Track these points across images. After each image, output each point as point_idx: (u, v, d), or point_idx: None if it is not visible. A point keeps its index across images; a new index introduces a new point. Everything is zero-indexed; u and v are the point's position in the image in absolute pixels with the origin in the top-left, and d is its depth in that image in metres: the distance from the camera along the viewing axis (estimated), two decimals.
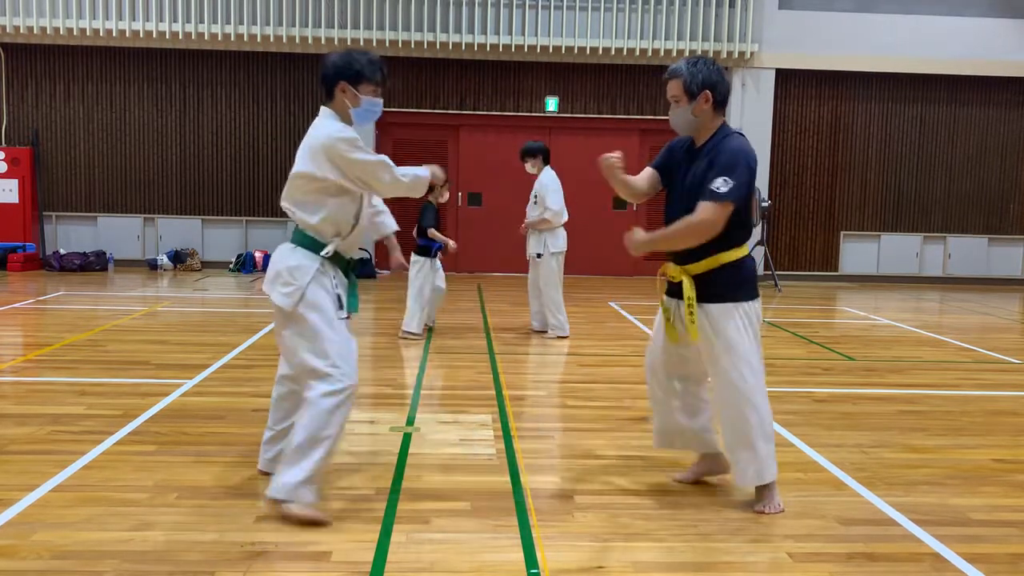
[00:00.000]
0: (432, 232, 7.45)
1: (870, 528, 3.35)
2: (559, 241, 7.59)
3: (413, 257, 7.49)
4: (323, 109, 3.41)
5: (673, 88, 3.46)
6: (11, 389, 5.29)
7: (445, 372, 6.28)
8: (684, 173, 3.50)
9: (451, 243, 7.50)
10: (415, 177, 3.45)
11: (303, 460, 3.22)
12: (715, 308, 3.40)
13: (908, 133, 13.84)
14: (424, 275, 7.44)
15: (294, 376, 3.52)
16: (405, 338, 7.33)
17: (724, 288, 3.40)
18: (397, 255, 4.70)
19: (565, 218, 7.59)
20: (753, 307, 3.44)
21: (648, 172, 3.67)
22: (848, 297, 11.95)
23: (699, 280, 3.42)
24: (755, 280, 3.50)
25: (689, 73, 3.41)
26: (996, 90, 13.71)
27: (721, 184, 3.29)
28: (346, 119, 3.37)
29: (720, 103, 3.45)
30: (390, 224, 4.34)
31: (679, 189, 3.52)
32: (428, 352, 6.83)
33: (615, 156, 3.51)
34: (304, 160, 3.29)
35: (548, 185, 7.46)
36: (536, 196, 7.53)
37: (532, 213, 7.61)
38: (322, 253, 3.32)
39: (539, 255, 7.57)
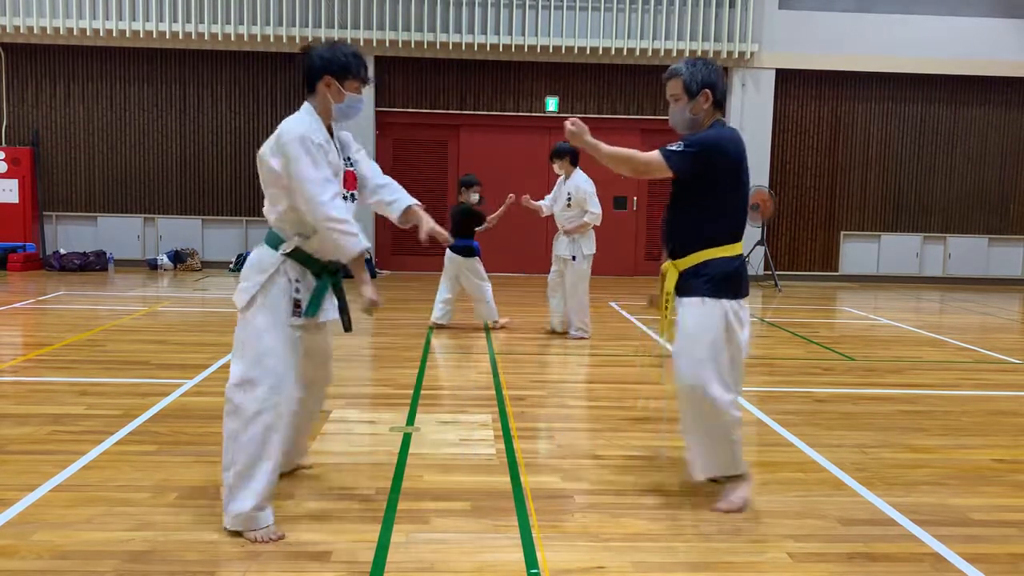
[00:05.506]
0: (483, 222, 7.82)
1: (870, 528, 3.35)
2: (592, 243, 7.63)
3: (461, 260, 7.62)
4: (306, 105, 3.24)
5: (673, 87, 3.53)
6: (11, 389, 5.29)
7: (445, 372, 6.29)
8: None
9: (510, 202, 7.74)
10: (346, 235, 3.03)
11: (246, 486, 3.07)
12: (686, 300, 3.46)
13: (908, 133, 13.84)
14: (476, 270, 7.71)
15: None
16: (500, 328, 7.85)
17: (700, 283, 3.43)
18: (429, 225, 3.37)
19: None
20: (730, 305, 3.42)
21: None
22: (848, 297, 11.95)
23: (683, 275, 3.48)
24: (739, 280, 3.47)
25: (689, 72, 3.48)
26: (996, 90, 13.71)
27: (675, 145, 3.42)
28: (326, 115, 3.22)
29: (718, 102, 3.52)
30: (405, 199, 3.42)
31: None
32: (428, 352, 6.83)
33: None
34: (264, 146, 3.16)
35: (586, 189, 7.48)
36: (571, 198, 7.54)
37: (564, 215, 7.62)
38: (279, 249, 3.16)
39: (573, 257, 7.59)
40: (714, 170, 3.40)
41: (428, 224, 3.37)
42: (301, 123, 3.12)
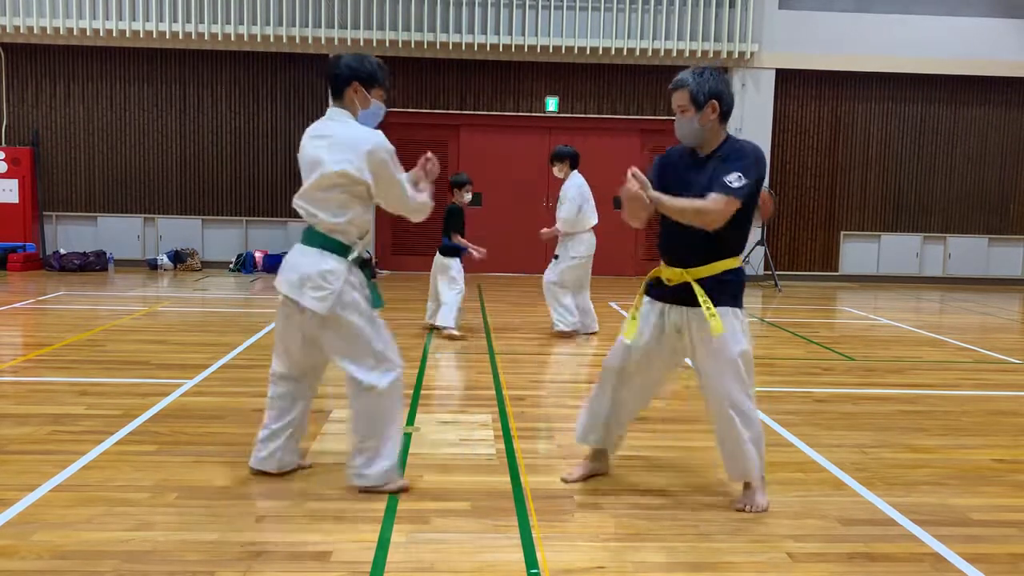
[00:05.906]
0: (458, 238, 7.53)
1: (870, 528, 3.35)
2: (579, 247, 7.57)
3: (442, 259, 7.57)
4: (336, 110, 3.46)
5: (679, 98, 3.44)
6: (11, 389, 5.29)
7: (445, 372, 6.29)
8: (687, 182, 3.43)
9: (480, 252, 7.49)
10: (423, 203, 3.63)
11: (389, 447, 3.50)
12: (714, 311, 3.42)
13: (908, 133, 13.83)
14: (449, 269, 7.57)
15: (291, 375, 3.60)
16: (453, 336, 7.39)
17: (723, 294, 3.43)
18: None
19: (590, 224, 7.56)
20: (744, 314, 3.51)
21: None
22: (848, 297, 11.95)
23: (700, 284, 3.44)
24: (744, 290, 3.54)
25: (696, 83, 3.40)
26: (996, 90, 13.71)
27: (735, 180, 3.30)
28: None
29: (725, 113, 3.45)
30: None
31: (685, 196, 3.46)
32: (428, 352, 6.83)
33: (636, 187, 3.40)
34: (343, 159, 3.31)
35: (567, 192, 7.44)
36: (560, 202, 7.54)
37: (557, 217, 7.61)
38: (351, 257, 3.40)
39: (556, 256, 7.59)
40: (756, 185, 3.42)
41: None
42: (378, 135, 3.40)
